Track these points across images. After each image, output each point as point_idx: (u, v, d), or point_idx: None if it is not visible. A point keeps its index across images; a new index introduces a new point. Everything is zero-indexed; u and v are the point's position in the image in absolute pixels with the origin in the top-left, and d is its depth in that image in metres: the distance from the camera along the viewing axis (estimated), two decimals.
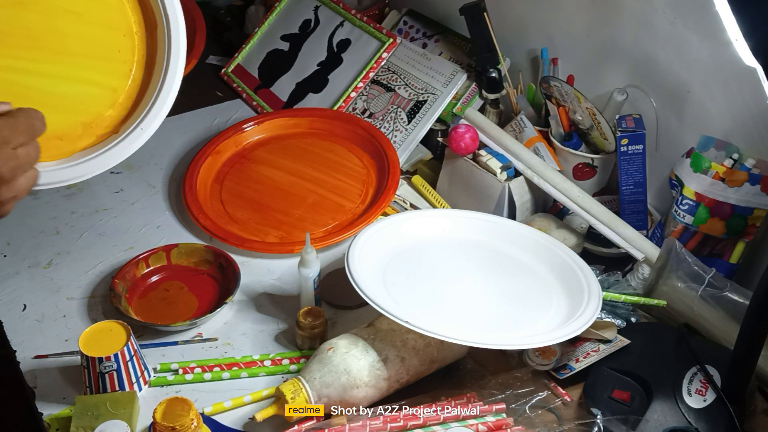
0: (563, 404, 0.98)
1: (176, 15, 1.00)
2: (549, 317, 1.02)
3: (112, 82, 1.00)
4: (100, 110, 0.99)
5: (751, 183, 1.09)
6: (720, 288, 1.05)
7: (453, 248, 1.14)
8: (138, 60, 1.00)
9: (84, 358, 0.94)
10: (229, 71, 1.65)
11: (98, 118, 0.99)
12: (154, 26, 1.01)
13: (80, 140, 1.00)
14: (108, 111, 1.00)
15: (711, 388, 0.94)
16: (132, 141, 1.00)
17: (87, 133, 1.00)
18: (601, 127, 1.23)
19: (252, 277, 1.18)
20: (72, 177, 0.99)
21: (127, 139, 1.00)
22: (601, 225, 1.18)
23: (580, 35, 1.31)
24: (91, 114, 0.99)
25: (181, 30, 1.01)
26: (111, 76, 1.00)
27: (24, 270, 1.18)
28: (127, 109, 1.02)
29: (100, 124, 1.00)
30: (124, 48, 1.00)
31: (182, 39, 1.01)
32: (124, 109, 1.02)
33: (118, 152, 1.00)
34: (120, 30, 0.99)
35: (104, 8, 0.98)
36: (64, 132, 0.98)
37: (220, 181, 1.36)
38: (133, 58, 1.00)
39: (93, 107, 0.99)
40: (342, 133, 1.43)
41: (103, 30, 0.99)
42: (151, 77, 1.01)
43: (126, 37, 0.99)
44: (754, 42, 1.04)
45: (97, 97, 0.99)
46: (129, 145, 1.00)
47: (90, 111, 0.99)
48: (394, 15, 1.61)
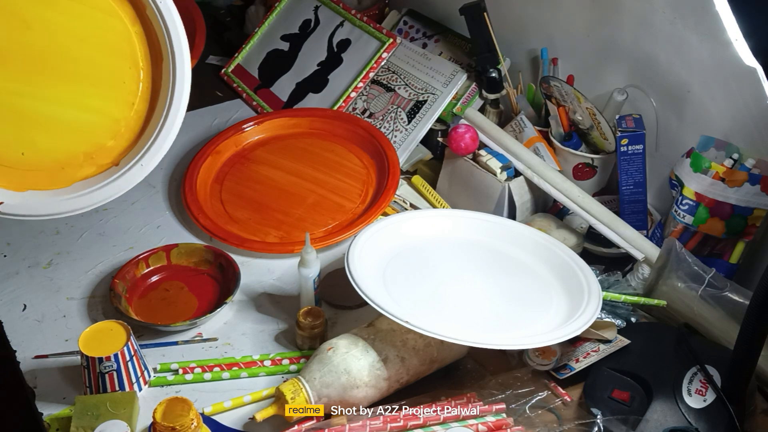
0: (563, 404, 0.98)
1: (182, 50, 1.00)
2: (549, 317, 1.02)
3: (115, 112, 0.99)
4: (101, 140, 0.99)
5: (751, 183, 1.09)
6: (720, 288, 1.05)
7: (453, 248, 1.14)
8: (142, 91, 1.00)
9: (84, 358, 0.94)
10: (229, 71, 1.65)
11: (100, 147, 0.99)
12: (160, 59, 1.00)
13: (81, 169, 1.00)
14: (110, 141, 1.00)
15: (711, 388, 0.94)
16: (132, 177, 1.00)
17: (88, 162, 1.00)
18: (601, 127, 1.23)
19: (252, 277, 1.18)
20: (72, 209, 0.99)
21: (127, 174, 1.00)
22: (601, 225, 1.18)
23: (580, 35, 1.31)
24: (93, 143, 0.99)
25: (186, 66, 1.00)
26: (114, 105, 0.99)
27: (24, 270, 1.18)
28: (129, 141, 1.02)
29: (102, 153, 1.00)
30: (129, 78, 0.99)
31: (187, 75, 1.00)
32: (126, 140, 1.01)
33: (117, 187, 1.00)
34: (126, 59, 0.99)
35: (111, 36, 0.98)
36: (66, 160, 0.98)
37: (220, 181, 1.36)
38: (137, 90, 1.00)
39: (95, 136, 0.99)
40: (342, 133, 1.43)
41: (110, 58, 0.98)
42: (153, 111, 1.01)
43: (132, 67, 0.99)
44: (754, 42, 1.04)
45: (100, 126, 0.99)
46: (128, 181, 1.00)
47: (92, 140, 1.00)
48: (394, 15, 1.61)
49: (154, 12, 0.97)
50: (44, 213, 1.00)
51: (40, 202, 0.99)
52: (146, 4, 0.98)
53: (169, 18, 0.98)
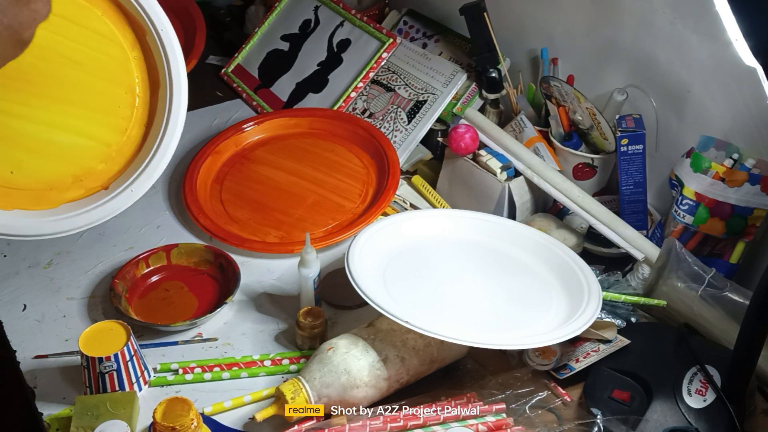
0: (563, 404, 0.98)
1: (180, 79, 0.99)
2: (549, 317, 1.02)
3: (107, 137, 0.98)
4: (92, 163, 0.98)
5: (751, 183, 1.09)
6: (720, 288, 1.05)
7: (453, 248, 1.14)
8: (137, 118, 0.99)
9: (84, 358, 0.94)
10: (229, 71, 1.65)
11: (89, 171, 0.98)
12: (157, 86, 0.99)
13: (69, 191, 0.99)
14: (100, 165, 0.99)
15: (711, 388, 0.94)
16: (121, 201, 0.99)
17: (77, 185, 0.99)
18: (601, 127, 1.23)
19: (252, 277, 1.18)
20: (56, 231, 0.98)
21: (116, 198, 0.99)
22: (601, 225, 1.18)
23: (580, 35, 1.31)
24: (83, 166, 0.98)
25: (183, 94, 0.99)
26: (107, 130, 0.98)
27: (24, 270, 1.18)
28: (120, 166, 1.00)
29: (91, 177, 0.99)
30: (123, 104, 0.98)
31: (184, 103, 1.00)
32: (117, 165, 1.00)
33: (105, 211, 0.99)
34: (122, 85, 0.98)
35: (109, 61, 0.97)
36: (55, 182, 0.97)
37: (220, 181, 1.36)
38: (131, 115, 0.99)
39: (85, 160, 0.98)
40: (342, 133, 1.43)
41: (105, 83, 0.97)
42: (147, 137, 1.00)
43: (127, 93, 0.98)
44: (754, 42, 1.04)
45: (91, 149, 0.98)
46: (117, 205, 0.99)
47: (82, 163, 0.98)
48: (394, 15, 1.61)
49: (155, 39, 0.97)
50: (29, 233, 0.99)
51: (25, 222, 0.98)
52: (147, 31, 0.97)
53: (169, 46, 0.97)
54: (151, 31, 0.96)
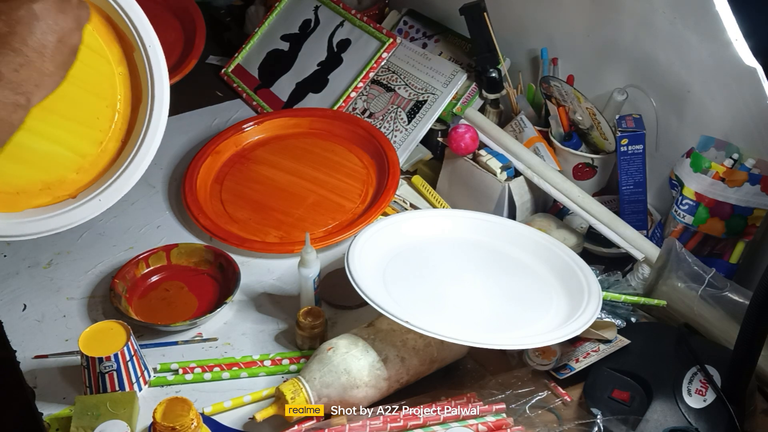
0: (563, 404, 0.98)
1: (162, 98, 0.98)
2: (549, 317, 1.02)
3: (83, 148, 0.98)
4: (64, 172, 0.98)
5: (751, 183, 1.09)
6: (720, 288, 1.05)
7: (453, 248, 1.14)
8: (114, 131, 0.99)
9: (84, 358, 0.94)
10: (229, 71, 1.65)
11: (60, 180, 0.97)
12: (139, 102, 0.99)
13: (36, 198, 0.98)
14: (72, 175, 0.98)
15: (711, 388, 0.94)
16: (88, 209, 0.98)
17: (45, 192, 0.98)
18: (601, 127, 1.23)
19: (252, 277, 1.18)
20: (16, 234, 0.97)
21: (84, 206, 0.98)
22: (601, 225, 1.18)
23: (580, 35, 1.31)
24: (55, 174, 0.97)
25: (164, 113, 0.99)
26: (84, 141, 0.98)
27: (24, 270, 1.18)
28: (91, 177, 0.99)
29: (61, 186, 0.98)
30: (103, 117, 0.98)
31: (162, 121, 0.99)
32: (88, 176, 0.99)
33: (71, 217, 0.98)
34: (105, 99, 0.98)
35: (95, 76, 0.96)
36: (23, 187, 0.96)
37: (220, 181, 1.36)
38: (109, 128, 0.98)
39: (58, 168, 0.97)
40: (342, 133, 1.43)
41: (88, 96, 0.97)
42: (122, 151, 1.00)
43: (108, 108, 0.98)
44: (754, 42, 1.04)
45: (65, 159, 0.97)
46: (83, 213, 0.98)
47: (54, 171, 0.97)
48: (394, 15, 1.61)
49: (142, 56, 0.97)
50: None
51: None
52: (135, 48, 0.97)
53: (155, 63, 0.97)
54: (139, 47, 0.96)
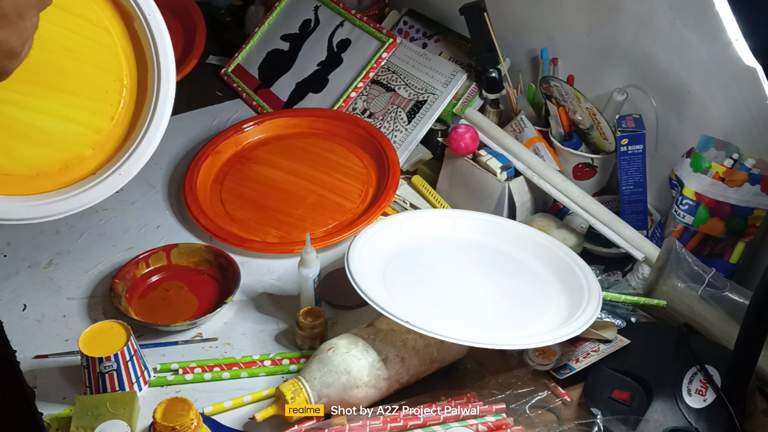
0: (563, 404, 0.98)
1: (167, 63, 0.99)
2: (549, 317, 1.02)
3: (96, 123, 0.98)
4: (80, 149, 0.98)
5: (751, 183, 1.09)
6: (720, 288, 1.05)
7: (453, 248, 1.14)
8: (125, 104, 0.99)
9: (84, 358, 0.94)
10: (229, 71, 1.65)
11: (78, 157, 0.98)
12: (145, 72, 1.00)
13: (58, 177, 0.98)
14: (88, 151, 0.98)
15: (711, 388, 0.94)
16: (109, 185, 0.99)
17: (64, 171, 0.98)
18: (601, 127, 1.23)
19: (252, 277, 1.18)
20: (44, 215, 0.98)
21: (105, 182, 0.98)
22: (601, 225, 1.18)
23: (580, 35, 1.31)
24: (71, 152, 0.98)
25: (171, 78, 0.99)
26: (96, 116, 0.98)
27: (24, 270, 1.18)
28: (109, 152, 1.00)
29: (80, 163, 0.98)
30: (112, 90, 0.98)
31: (171, 87, 1.00)
32: (105, 151, 1.00)
33: (94, 194, 0.99)
34: (111, 72, 0.98)
35: (98, 49, 0.97)
36: (43, 168, 0.97)
37: (220, 181, 1.36)
38: (119, 101, 0.98)
39: (74, 146, 0.98)
40: (342, 133, 1.43)
41: (94, 70, 0.97)
42: (136, 123, 1.00)
43: (116, 81, 0.98)
44: (754, 42, 1.04)
45: (80, 135, 0.98)
46: (106, 189, 0.99)
47: (71, 149, 0.98)
48: (394, 15, 1.61)
49: (143, 25, 0.97)
50: (12, 218, 0.98)
51: (8, 206, 0.98)
52: (135, 17, 0.97)
53: (157, 31, 0.97)
54: (138, 17, 0.97)
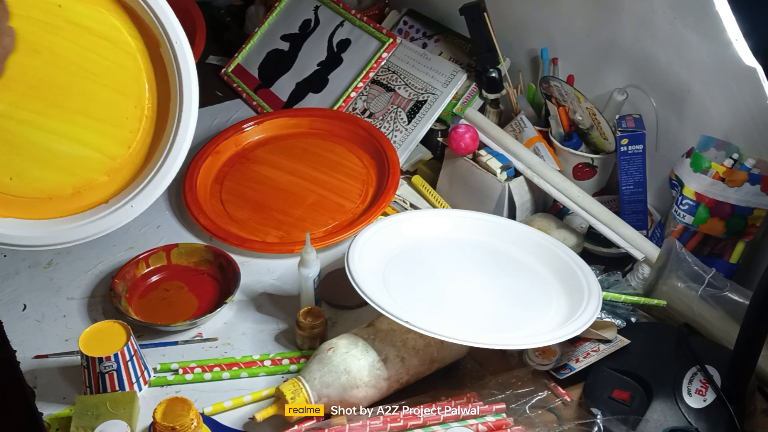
0: (563, 404, 0.98)
1: (191, 93, 0.96)
2: (549, 317, 1.02)
3: (113, 150, 0.96)
4: (94, 175, 0.96)
5: (751, 183, 1.09)
6: (720, 288, 1.05)
7: (453, 248, 1.14)
8: (144, 131, 0.97)
9: (84, 358, 0.94)
10: (229, 71, 1.65)
11: (91, 183, 0.96)
12: (167, 101, 0.97)
13: (68, 203, 0.97)
14: (102, 178, 0.97)
15: (711, 388, 0.94)
16: (120, 216, 0.97)
17: (76, 196, 0.97)
18: (601, 127, 1.23)
19: (252, 277, 1.18)
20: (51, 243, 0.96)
21: (116, 213, 0.97)
22: (601, 225, 1.18)
23: (580, 35, 1.31)
24: (85, 178, 0.96)
25: (193, 109, 0.97)
26: (113, 142, 0.96)
27: (24, 270, 1.18)
28: (123, 180, 0.98)
29: (92, 189, 0.96)
30: (132, 117, 0.96)
31: (192, 119, 0.97)
32: (120, 179, 0.98)
33: (103, 225, 0.97)
34: (132, 97, 0.95)
35: (121, 73, 0.94)
36: (54, 192, 0.95)
37: (220, 181, 1.36)
38: (139, 128, 0.96)
39: (88, 171, 0.96)
40: (342, 133, 1.43)
41: (115, 95, 0.94)
42: (153, 153, 0.98)
43: (137, 107, 0.96)
44: (754, 42, 1.04)
45: (95, 161, 0.96)
46: (116, 220, 0.97)
47: (84, 174, 0.96)
48: (394, 15, 1.61)
49: (168, 52, 0.94)
50: (23, 244, 0.97)
51: (19, 232, 0.96)
52: (161, 42, 0.94)
53: (182, 59, 0.94)
54: (165, 43, 0.94)
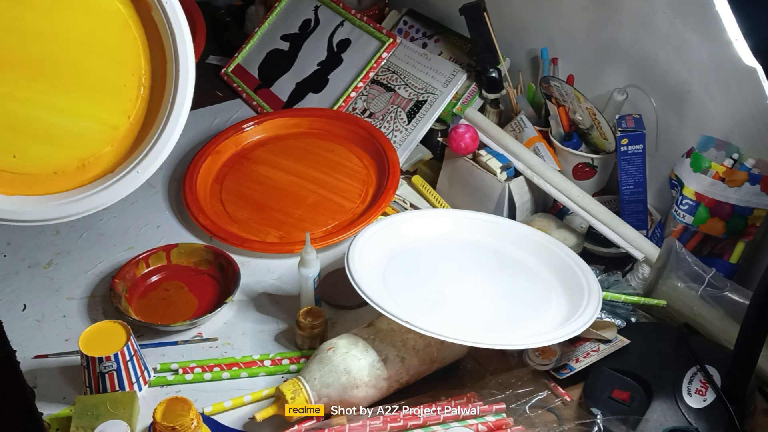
0: (563, 404, 0.98)
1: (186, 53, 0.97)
2: (549, 317, 1.02)
3: (114, 120, 0.97)
4: (98, 147, 0.97)
5: (751, 183, 1.09)
6: (720, 288, 1.05)
7: (453, 248, 1.14)
8: (143, 99, 0.97)
9: (84, 358, 0.94)
10: (229, 71, 1.65)
11: (95, 154, 0.97)
12: (164, 65, 0.98)
13: (75, 176, 0.97)
14: (106, 148, 0.97)
15: (711, 388, 0.94)
16: (127, 183, 0.97)
17: (82, 169, 0.97)
18: (601, 127, 1.23)
19: (252, 277, 1.18)
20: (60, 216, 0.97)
21: (122, 181, 0.97)
22: (601, 225, 1.18)
23: (580, 35, 1.31)
24: (89, 150, 0.97)
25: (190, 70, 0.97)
26: (113, 112, 0.97)
27: (24, 270, 1.18)
28: (126, 149, 0.99)
29: (97, 161, 0.97)
30: (130, 85, 0.96)
31: (190, 79, 0.98)
32: (122, 148, 0.99)
33: (112, 194, 0.98)
34: (128, 66, 0.96)
35: (115, 43, 0.95)
36: (60, 166, 0.96)
37: (220, 181, 1.36)
38: (137, 96, 0.97)
39: (91, 143, 0.97)
40: (342, 133, 1.43)
41: (112, 65, 0.95)
42: (154, 119, 0.99)
43: (134, 75, 0.96)
44: (754, 42, 1.04)
45: (97, 132, 0.96)
46: (123, 188, 0.98)
47: (88, 147, 0.97)
48: (394, 15, 1.61)
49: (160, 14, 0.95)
50: (32, 219, 0.98)
51: (28, 207, 0.97)
52: (152, 6, 0.95)
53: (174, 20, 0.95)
54: (156, 5, 0.95)
